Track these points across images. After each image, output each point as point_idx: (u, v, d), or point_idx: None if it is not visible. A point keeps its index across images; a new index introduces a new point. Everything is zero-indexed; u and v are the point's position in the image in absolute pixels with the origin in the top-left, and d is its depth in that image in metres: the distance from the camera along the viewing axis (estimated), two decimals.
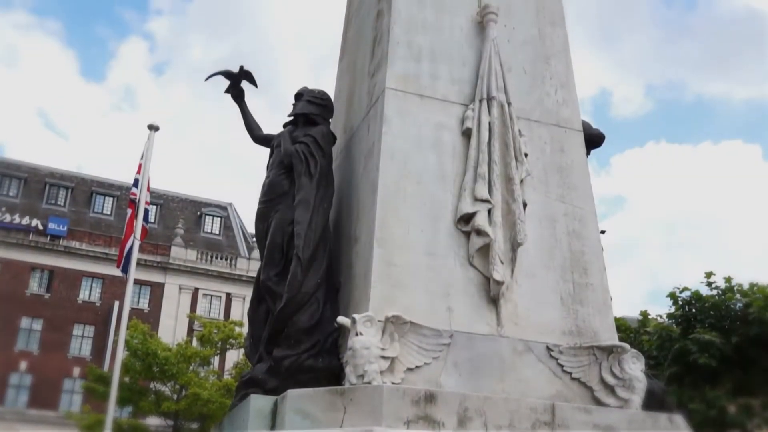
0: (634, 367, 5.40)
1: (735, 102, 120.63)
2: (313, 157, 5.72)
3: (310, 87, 6.26)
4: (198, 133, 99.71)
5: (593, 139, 6.68)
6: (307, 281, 5.31)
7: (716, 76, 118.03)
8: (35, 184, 46.80)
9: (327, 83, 6.77)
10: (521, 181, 5.66)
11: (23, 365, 40.25)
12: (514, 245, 5.47)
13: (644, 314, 21.74)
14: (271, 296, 5.53)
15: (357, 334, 4.80)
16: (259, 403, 4.91)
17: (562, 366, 5.31)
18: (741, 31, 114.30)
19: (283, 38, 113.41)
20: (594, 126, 6.82)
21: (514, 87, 6.02)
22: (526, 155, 5.78)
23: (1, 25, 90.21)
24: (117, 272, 16.05)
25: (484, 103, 5.79)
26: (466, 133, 5.75)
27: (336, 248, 5.80)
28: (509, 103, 5.85)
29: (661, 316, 21.09)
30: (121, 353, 16.17)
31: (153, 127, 15.82)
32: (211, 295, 45.24)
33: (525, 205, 5.60)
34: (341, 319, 5.12)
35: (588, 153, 6.43)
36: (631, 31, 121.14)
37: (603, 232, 6.30)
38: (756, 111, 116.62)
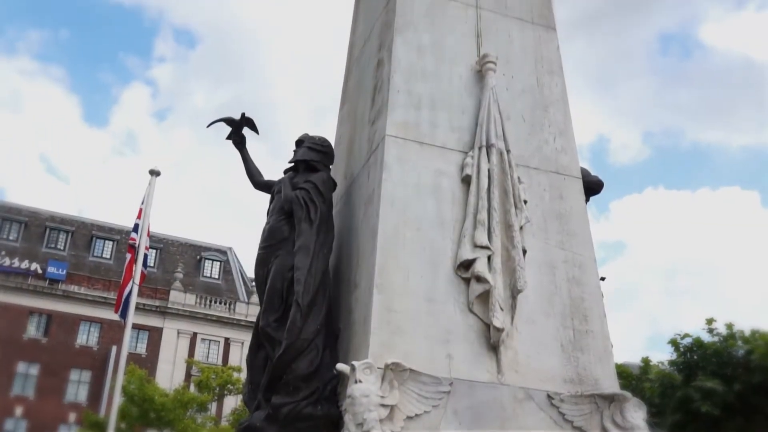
0: (636, 415, 5.34)
1: (732, 149, 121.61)
2: (314, 203, 5.74)
3: (311, 134, 6.32)
4: (199, 178, 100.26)
5: (592, 186, 6.71)
6: (306, 327, 5.28)
7: (713, 124, 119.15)
8: (35, 227, 46.86)
9: (327, 130, 6.83)
10: (521, 227, 5.67)
11: (19, 410, 39.77)
12: (514, 292, 5.46)
13: (646, 361, 21.62)
14: (270, 342, 5.50)
15: (356, 382, 4.76)
16: None
17: (563, 414, 5.26)
18: (737, 80, 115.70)
19: (284, 86, 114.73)
20: (593, 172, 6.86)
21: (513, 134, 6.08)
22: (525, 202, 5.80)
23: (6, 70, 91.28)
24: (115, 316, 15.92)
25: (483, 150, 5.84)
26: (466, 180, 5.79)
27: (336, 294, 5.79)
28: (508, 151, 5.89)
29: (662, 363, 20.97)
30: (118, 399, 15.98)
31: (154, 172, 15.91)
32: (210, 340, 44.93)
33: (524, 252, 5.60)
34: (340, 366, 5.08)
35: (587, 200, 6.46)
36: (628, 78, 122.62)
37: (603, 278, 6.29)
38: (754, 158, 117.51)
